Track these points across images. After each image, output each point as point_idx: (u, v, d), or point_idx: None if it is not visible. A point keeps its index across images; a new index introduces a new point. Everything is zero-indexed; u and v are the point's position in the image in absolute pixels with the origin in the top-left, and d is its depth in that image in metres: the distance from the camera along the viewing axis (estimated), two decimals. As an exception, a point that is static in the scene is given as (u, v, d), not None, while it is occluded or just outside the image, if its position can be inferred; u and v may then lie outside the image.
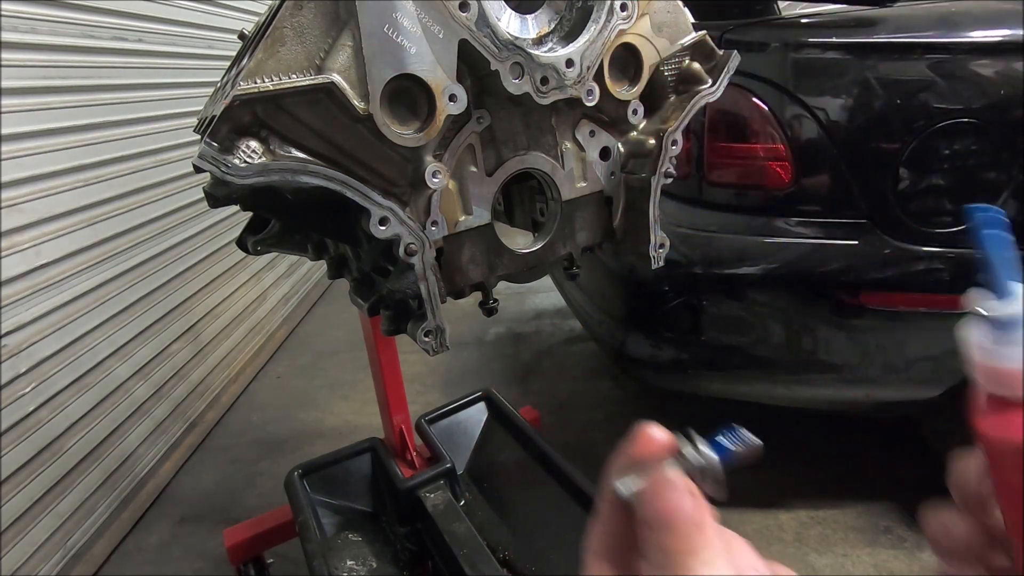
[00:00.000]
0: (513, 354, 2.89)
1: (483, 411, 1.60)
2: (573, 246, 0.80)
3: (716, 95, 0.77)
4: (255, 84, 0.53)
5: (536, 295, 3.46)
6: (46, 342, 1.71)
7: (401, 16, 0.57)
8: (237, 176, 0.53)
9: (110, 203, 2.01)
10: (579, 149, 0.76)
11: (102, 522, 1.88)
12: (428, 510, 1.27)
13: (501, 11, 0.65)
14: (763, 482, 1.89)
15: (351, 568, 1.24)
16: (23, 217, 1.65)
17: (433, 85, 0.60)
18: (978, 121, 1.33)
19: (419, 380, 2.68)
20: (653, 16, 0.72)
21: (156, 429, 2.18)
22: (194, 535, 1.94)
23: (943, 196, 1.39)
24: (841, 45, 1.40)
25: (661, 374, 1.68)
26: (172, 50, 2.46)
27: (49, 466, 1.69)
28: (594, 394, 2.47)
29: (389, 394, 1.43)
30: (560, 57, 0.66)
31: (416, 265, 0.64)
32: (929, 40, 1.37)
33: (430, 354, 0.69)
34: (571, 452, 2.01)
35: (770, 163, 1.43)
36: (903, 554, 1.61)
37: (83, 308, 1.85)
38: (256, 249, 0.98)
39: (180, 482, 2.21)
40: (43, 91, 1.75)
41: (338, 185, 0.58)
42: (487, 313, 0.78)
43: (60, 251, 1.78)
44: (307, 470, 1.40)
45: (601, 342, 1.90)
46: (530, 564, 1.22)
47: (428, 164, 0.63)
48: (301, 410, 2.60)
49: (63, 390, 1.76)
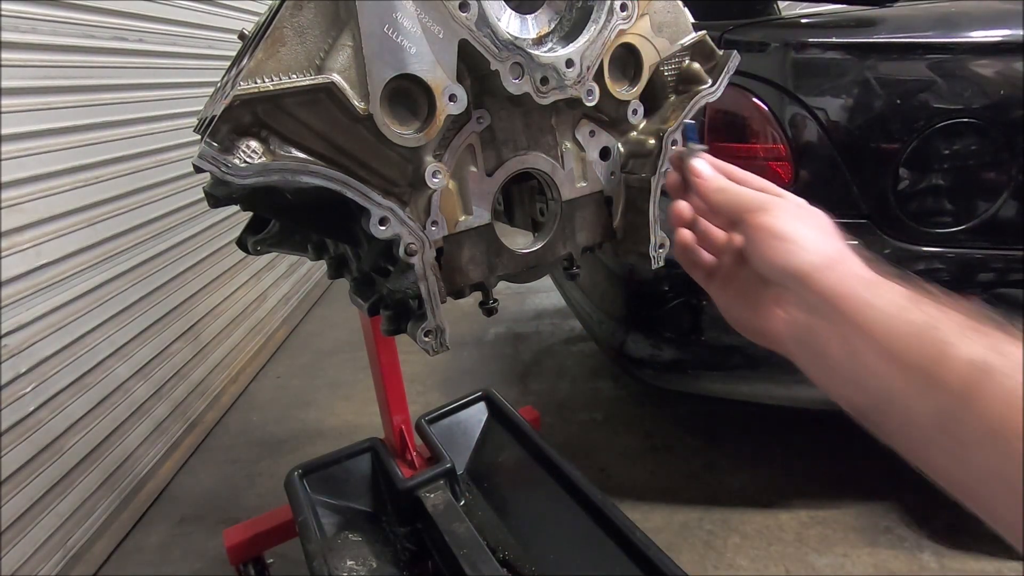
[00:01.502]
0: (513, 354, 2.89)
1: (483, 411, 1.60)
2: (573, 246, 0.80)
3: (716, 95, 0.77)
4: (255, 84, 0.53)
5: (536, 295, 3.46)
6: (46, 342, 1.71)
7: (401, 16, 0.57)
8: (237, 176, 0.53)
9: (110, 203, 2.01)
10: (579, 149, 0.76)
11: (102, 522, 1.88)
12: (428, 510, 1.27)
13: (501, 11, 0.65)
14: (763, 482, 1.90)
15: (351, 568, 1.24)
16: (23, 217, 1.65)
17: (433, 85, 0.60)
18: (978, 121, 1.33)
19: (419, 380, 2.68)
20: (653, 16, 0.72)
21: (156, 429, 2.18)
22: (194, 535, 1.94)
23: (943, 196, 1.39)
24: (841, 45, 1.40)
25: (661, 374, 1.68)
26: (172, 50, 2.46)
27: (49, 466, 1.69)
28: (594, 394, 2.47)
29: (389, 394, 1.43)
30: (560, 57, 0.66)
31: (416, 265, 0.64)
32: (929, 40, 1.37)
33: (430, 354, 0.69)
34: (571, 452, 2.01)
35: (770, 163, 1.43)
36: (903, 554, 1.61)
37: (83, 308, 1.85)
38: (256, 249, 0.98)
39: (180, 482, 2.21)
40: (43, 91, 1.76)
41: (338, 185, 0.58)
42: (487, 313, 0.78)
43: (60, 251, 1.78)
44: (307, 470, 1.40)
45: (601, 342, 1.90)
46: (530, 564, 1.22)
47: (428, 164, 0.63)
48: (301, 410, 2.60)
49: (63, 390, 1.76)
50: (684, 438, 2.14)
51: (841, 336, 0.41)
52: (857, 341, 0.40)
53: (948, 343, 0.35)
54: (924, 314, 0.37)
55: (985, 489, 0.33)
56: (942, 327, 0.36)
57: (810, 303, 0.44)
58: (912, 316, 0.38)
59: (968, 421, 0.33)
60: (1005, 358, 0.33)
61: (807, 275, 0.44)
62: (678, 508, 1.84)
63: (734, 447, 2.07)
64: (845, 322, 0.41)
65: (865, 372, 0.39)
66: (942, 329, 0.36)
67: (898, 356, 0.37)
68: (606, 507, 1.20)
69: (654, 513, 1.82)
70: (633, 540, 1.11)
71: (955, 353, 0.34)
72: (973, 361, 0.33)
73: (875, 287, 0.41)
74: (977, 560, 1.57)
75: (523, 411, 1.72)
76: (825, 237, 0.46)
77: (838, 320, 0.42)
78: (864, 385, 0.40)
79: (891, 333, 0.38)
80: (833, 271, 0.43)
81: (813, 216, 0.48)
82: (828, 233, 0.46)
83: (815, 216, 0.48)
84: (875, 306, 0.40)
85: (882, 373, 0.38)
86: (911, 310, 0.38)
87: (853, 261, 0.44)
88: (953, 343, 0.35)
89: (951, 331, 0.35)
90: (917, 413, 0.36)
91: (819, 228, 0.47)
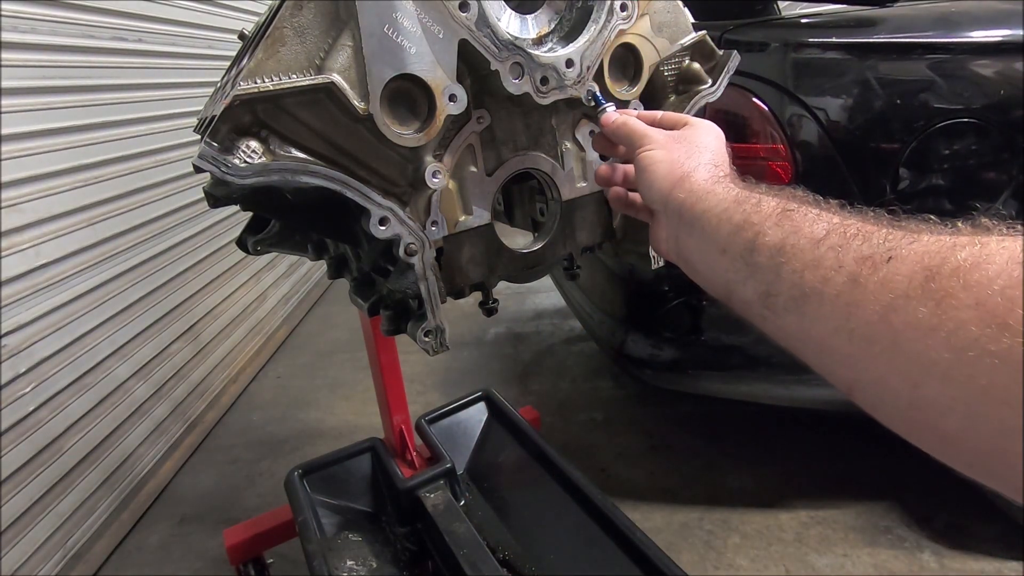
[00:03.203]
0: (513, 354, 2.89)
1: (483, 411, 1.60)
2: (573, 246, 0.80)
3: (716, 95, 0.77)
4: (255, 84, 0.53)
5: (536, 295, 3.46)
6: (46, 342, 1.71)
7: (401, 16, 0.57)
8: (237, 176, 0.53)
9: (110, 203, 2.01)
10: (579, 149, 0.76)
11: (102, 522, 1.88)
12: (428, 510, 1.27)
13: (501, 11, 0.65)
14: (763, 482, 1.90)
15: (351, 568, 1.24)
16: (23, 217, 1.65)
17: (433, 85, 0.60)
18: (978, 121, 1.33)
19: (419, 380, 2.68)
20: (653, 16, 0.72)
21: (156, 429, 2.18)
22: (194, 535, 1.94)
23: (943, 196, 1.39)
24: (841, 45, 1.40)
25: (661, 374, 1.68)
26: (172, 50, 2.46)
27: (49, 466, 1.69)
28: (594, 394, 2.47)
29: (389, 394, 1.43)
30: (560, 57, 0.66)
31: (416, 265, 0.64)
32: (929, 40, 1.37)
33: (430, 354, 0.69)
34: (571, 452, 2.01)
35: (770, 163, 1.43)
36: (903, 554, 1.61)
37: (83, 308, 1.85)
38: (256, 249, 0.98)
39: (180, 482, 2.21)
40: (43, 91, 1.76)
41: (338, 185, 0.58)
42: (487, 313, 0.78)
43: (60, 251, 1.78)
44: (307, 470, 1.40)
45: (601, 342, 1.90)
46: (530, 564, 1.22)
47: (428, 164, 0.63)
48: (301, 410, 2.60)
49: (63, 390, 1.76)
50: (684, 438, 2.14)
51: (692, 241, 0.50)
52: (700, 243, 0.49)
53: (760, 233, 0.42)
54: (743, 212, 0.44)
55: (803, 348, 0.39)
56: (755, 220, 0.43)
57: (671, 220, 0.54)
58: (734, 215, 0.45)
59: (779, 294, 0.39)
60: (800, 237, 0.39)
61: (664, 198, 0.55)
62: (678, 508, 1.83)
63: (734, 447, 2.06)
64: (692, 229, 0.50)
65: (711, 268, 0.48)
66: (755, 223, 0.43)
67: (727, 250, 0.45)
68: (606, 507, 1.20)
69: (654, 513, 1.82)
70: (633, 540, 1.12)
71: (763, 241, 0.41)
72: (777, 245, 0.40)
73: (707, 197, 0.49)
74: (977, 560, 1.57)
75: (523, 411, 1.72)
76: (674, 163, 0.55)
77: (686, 229, 0.51)
78: (713, 279, 0.48)
79: (719, 232, 0.46)
80: (680, 190, 0.53)
81: (679, 142, 0.58)
82: (686, 156, 0.56)
83: (681, 142, 0.58)
84: (707, 211, 0.48)
85: (721, 266, 0.46)
86: (733, 210, 0.45)
87: (695, 178, 0.53)
88: (764, 232, 0.41)
89: (763, 222, 0.42)
90: (748, 293, 0.43)
91: (676, 155, 0.56)
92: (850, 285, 0.34)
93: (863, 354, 0.34)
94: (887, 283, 0.32)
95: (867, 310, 0.33)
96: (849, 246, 0.36)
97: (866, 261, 0.34)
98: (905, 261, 0.32)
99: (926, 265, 0.31)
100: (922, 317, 0.30)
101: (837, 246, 0.36)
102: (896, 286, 0.32)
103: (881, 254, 0.33)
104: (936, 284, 0.30)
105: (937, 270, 0.30)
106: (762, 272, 0.41)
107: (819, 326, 0.37)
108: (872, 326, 0.33)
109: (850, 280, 0.34)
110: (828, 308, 0.36)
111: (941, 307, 0.29)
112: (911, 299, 0.31)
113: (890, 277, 0.32)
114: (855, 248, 0.35)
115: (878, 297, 0.32)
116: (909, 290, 0.31)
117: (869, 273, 0.33)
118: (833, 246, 0.36)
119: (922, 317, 0.30)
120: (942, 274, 0.30)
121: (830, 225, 0.38)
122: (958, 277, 0.29)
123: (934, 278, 0.30)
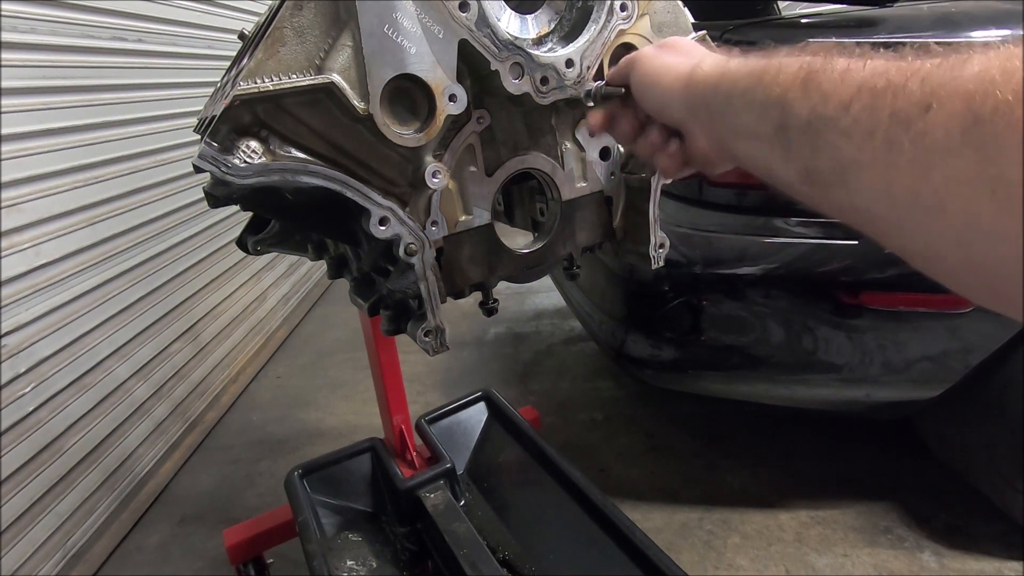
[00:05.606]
0: (513, 354, 2.89)
1: (483, 411, 1.60)
2: (573, 246, 0.80)
3: (716, 95, 0.77)
4: (255, 84, 0.53)
5: (536, 295, 3.46)
6: (46, 342, 1.71)
7: (401, 16, 0.57)
8: (237, 176, 0.53)
9: (110, 203, 2.01)
10: (579, 149, 0.76)
11: (102, 522, 1.88)
12: (428, 510, 1.27)
13: (501, 11, 0.65)
14: (763, 482, 1.90)
15: (351, 568, 1.24)
16: (23, 217, 1.65)
17: (433, 85, 0.60)
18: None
19: (419, 380, 2.68)
20: (653, 16, 0.72)
21: (156, 429, 2.18)
22: (194, 535, 1.94)
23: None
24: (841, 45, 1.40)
25: (661, 374, 1.68)
26: (172, 50, 2.46)
27: (49, 466, 1.69)
28: (594, 394, 2.47)
29: (389, 394, 1.43)
30: (560, 57, 0.66)
31: (416, 265, 0.64)
32: (929, 40, 1.37)
33: (430, 354, 0.69)
34: (571, 452, 2.02)
35: (770, 163, 1.43)
36: (903, 554, 1.61)
37: (83, 308, 1.85)
38: (256, 249, 0.98)
39: (180, 482, 2.21)
40: (43, 91, 1.75)
41: (338, 185, 0.58)
42: (487, 313, 0.78)
43: (60, 251, 1.78)
44: (307, 470, 1.40)
45: (601, 342, 1.90)
46: (530, 564, 1.22)
47: (428, 164, 0.63)
48: (301, 410, 2.60)
49: (63, 390, 1.76)
50: (684, 438, 2.14)
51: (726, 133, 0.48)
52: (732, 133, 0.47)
53: (786, 109, 0.40)
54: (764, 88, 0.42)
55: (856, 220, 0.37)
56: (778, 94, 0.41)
57: (700, 121, 0.52)
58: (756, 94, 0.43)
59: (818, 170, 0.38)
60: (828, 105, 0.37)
61: (683, 100, 0.52)
62: (678, 508, 1.84)
63: (734, 447, 2.06)
64: (722, 119, 0.47)
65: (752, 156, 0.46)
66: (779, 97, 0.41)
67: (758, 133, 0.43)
68: (606, 507, 1.20)
69: (654, 513, 1.82)
70: (633, 540, 1.12)
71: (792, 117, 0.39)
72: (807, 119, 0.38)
73: (722, 80, 0.47)
74: (977, 560, 1.57)
75: (523, 411, 1.72)
76: (676, 65, 0.53)
77: (717, 122, 0.48)
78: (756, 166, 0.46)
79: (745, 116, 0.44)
80: (693, 85, 0.51)
81: (666, 49, 0.57)
82: (685, 53, 0.55)
83: (666, 47, 0.57)
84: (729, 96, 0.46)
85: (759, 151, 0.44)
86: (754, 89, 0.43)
87: (704, 67, 0.50)
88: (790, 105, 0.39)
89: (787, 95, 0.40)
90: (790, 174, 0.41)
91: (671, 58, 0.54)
92: (885, 148, 0.32)
93: (908, 220, 0.32)
94: (923, 138, 0.29)
95: (905, 173, 0.31)
96: (882, 103, 0.32)
97: (899, 117, 0.31)
98: (944, 107, 0.29)
99: (968, 108, 0.27)
100: (963, 171, 0.27)
101: (870, 106, 0.33)
102: (934, 140, 0.29)
103: (916, 105, 0.30)
104: (978, 130, 0.27)
105: (978, 111, 0.27)
106: (797, 150, 0.39)
107: (862, 197, 0.35)
108: (912, 189, 0.31)
109: (885, 143, 0.32)
110: (867, 177, 0.34)
111: (985, 156, 0.26)
112: (950, 152, 0.28)
113: (927, 130, 0.29)
114: (888, 104, 0.32)
115: (916, 156, 0.30)
116: (948, 142, 0.28)
117: (902, 131, 0.31)
118: (866, 106, 0.33)
119: (963, 171, 0.27)
120: (982, 118, 0.27)
121: (861, 79, 0.35)
122: (1001, 117, 0.26)
123: (977, 122, 0.27)
